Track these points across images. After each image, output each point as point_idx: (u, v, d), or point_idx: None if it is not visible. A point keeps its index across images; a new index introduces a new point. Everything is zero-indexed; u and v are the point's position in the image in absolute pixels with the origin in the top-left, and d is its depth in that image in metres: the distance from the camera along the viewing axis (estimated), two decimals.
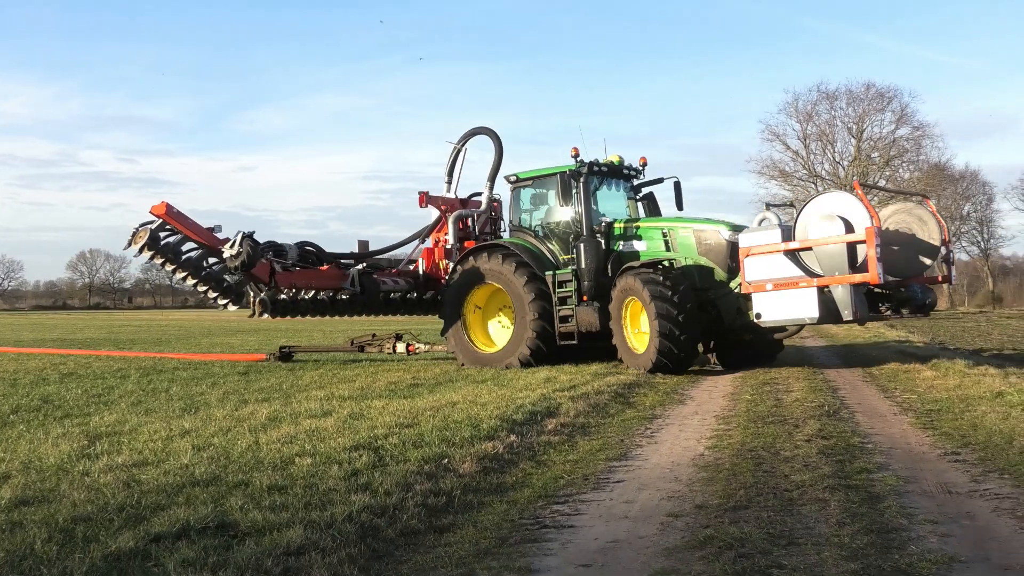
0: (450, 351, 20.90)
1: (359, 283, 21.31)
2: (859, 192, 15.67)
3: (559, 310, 19.19)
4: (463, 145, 23.26)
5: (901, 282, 16.34)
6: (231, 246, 18.32)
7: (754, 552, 5.77)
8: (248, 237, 18.60)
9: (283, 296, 20.63)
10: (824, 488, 7.45)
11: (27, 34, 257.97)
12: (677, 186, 20.91)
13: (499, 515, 6.90)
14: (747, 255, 16.46)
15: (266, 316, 20.07)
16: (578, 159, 19.52)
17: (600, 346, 18.90)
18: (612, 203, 20.62)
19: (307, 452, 8.81)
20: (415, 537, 6.31)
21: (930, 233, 16.48)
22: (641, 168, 21.13)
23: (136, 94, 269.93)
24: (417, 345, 22.16)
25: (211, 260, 19.41)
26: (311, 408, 12.23)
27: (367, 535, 6.20)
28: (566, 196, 19.44)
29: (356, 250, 23.37)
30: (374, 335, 23.25)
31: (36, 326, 57.28)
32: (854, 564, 5.50)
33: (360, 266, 21.81)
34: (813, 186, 71.52)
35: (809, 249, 15.76)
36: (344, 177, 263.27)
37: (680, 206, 20.70)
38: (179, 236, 19.17)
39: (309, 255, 21.76)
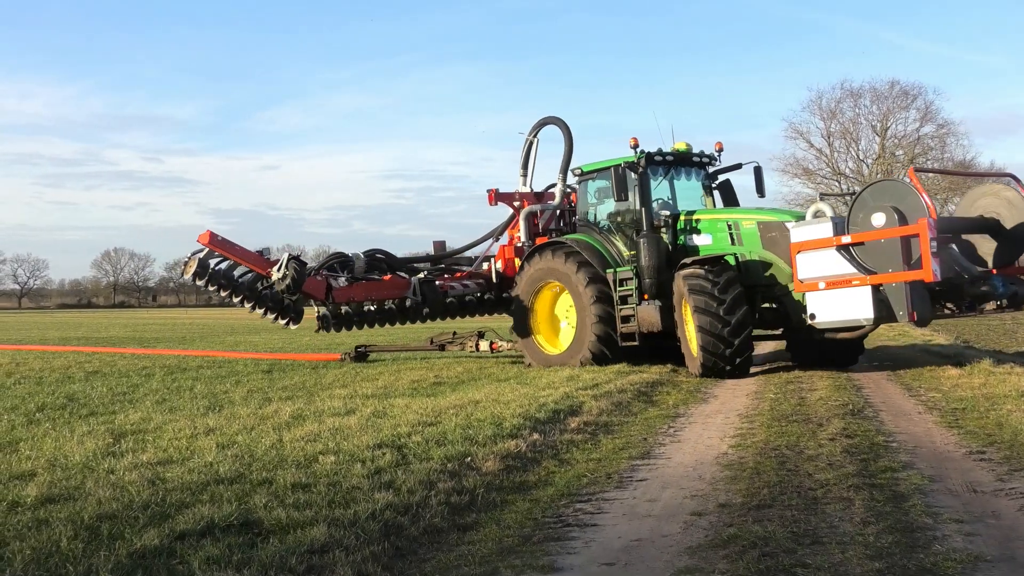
0: (518, 351, 20.41)
1: (420, 292, 20.79)
2: (914, 180, 14.49)
3: (620, 309, 18.22)
4: (535, 136, 22.34)
5: (982, 275, 15.03)
6: (278, 269, 18.52)
7: (778, 551, 5.75)
8: (294, 259, 18.89)
9: (344, 309, 20.52)
10: (848, 487, 7.42)
11: (48, 34, 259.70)
12: (757, 172, 19.59)
13: (522, 513, 6.90)
14: (798, 251, 15.34)
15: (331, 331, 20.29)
16: (638, 149, 18.27)
17: (667, 347, 17.78)
18: (687, 194, 19.52)
19: (330, 450, 8.83)
20: (438, 535, 6.32)
21: (1020, 217, 15.17)
22: (716, 154, 19.63)
23: (157, 93, 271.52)
24: (500, 343, 21.57)
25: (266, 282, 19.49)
26: (334, 406, 12.26)
27: (390, 533, 6.21)
28: (621, 189, 17.99)
29: (432, 251, 23.14)
30: (455, 333, 22.75)
31: (61, 325, 57.66)
32: (879, 563, 5.47)
33: (421, 275, 21.33)
34: (836, 184, 71.25)
35: (862, 244, 14.39)
36: (365, 176, 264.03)
37: (761, 192, 19.49)
38: (229, 262, 19.22)
39: (379, 263, 21.55)
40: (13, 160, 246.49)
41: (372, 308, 21.07)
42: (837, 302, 14.78)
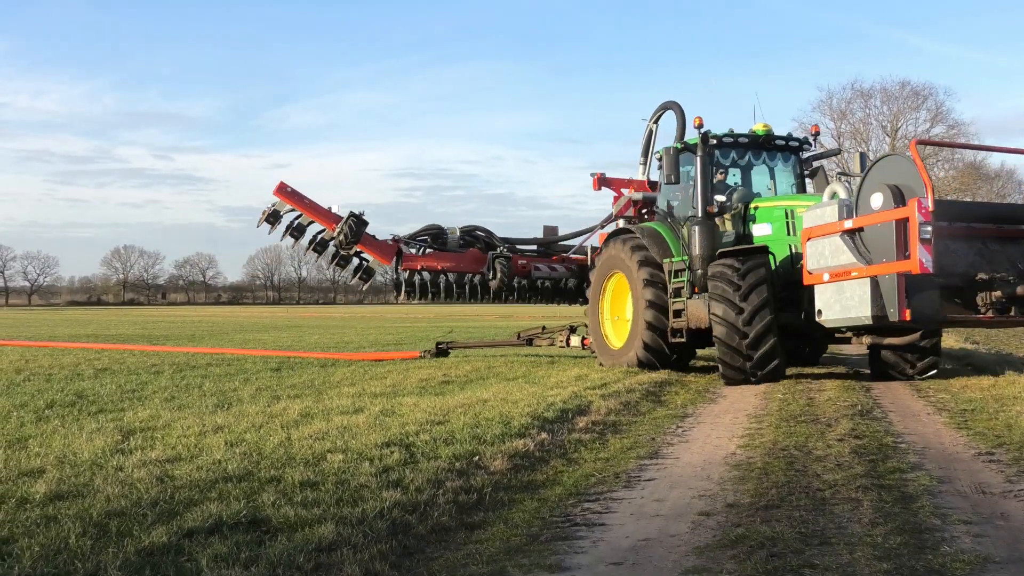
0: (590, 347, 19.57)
1: (492, 267, 20.63)
2: (914, 155, 12.90)
3: (672, 303, 16.90)
4: (655, 122, 20.91)
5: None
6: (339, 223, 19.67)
7: (786, 551, 5.74)
8: (353, 216, 19.90)
9: (419, 278, 20.81)
10: (857, 488, 7.41)
11: (60, 32, 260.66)
12: (863, 159, 17.31)
13: (530, 513, 6.90)
14: (808, 237, 14.11)
15: (415, 301, 20.60)
16: (701, 129, 16.82)
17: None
18: (773, 179, 17.89)
19: (339, 448, 8.83)
20: (446, 534, 6.32)
21: None
22: (811, 138, 18.08)
23: (169, 91, 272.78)
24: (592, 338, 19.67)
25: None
26: (343, 405, 12.27)
27: (398, 531, 6.21)
28: (672, 172, 16.68)
29: (542, 235, 22.75)
30: (544, 328, 22.00)
31: (71, 322, 57.79)
32: (887, 564, 5.46)
33: (499, 249, 21.19)
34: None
35: (862, 229, 13.20)
36: (376, 174, 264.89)
37: None
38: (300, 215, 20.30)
39: (475, 240, 21.51)
40: (26, 157, 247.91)
41: (451, 280, 21.03)
42: (840, 296, 13.59)
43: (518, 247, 22.15)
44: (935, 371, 15.58)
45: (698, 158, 16.81)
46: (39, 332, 40.12)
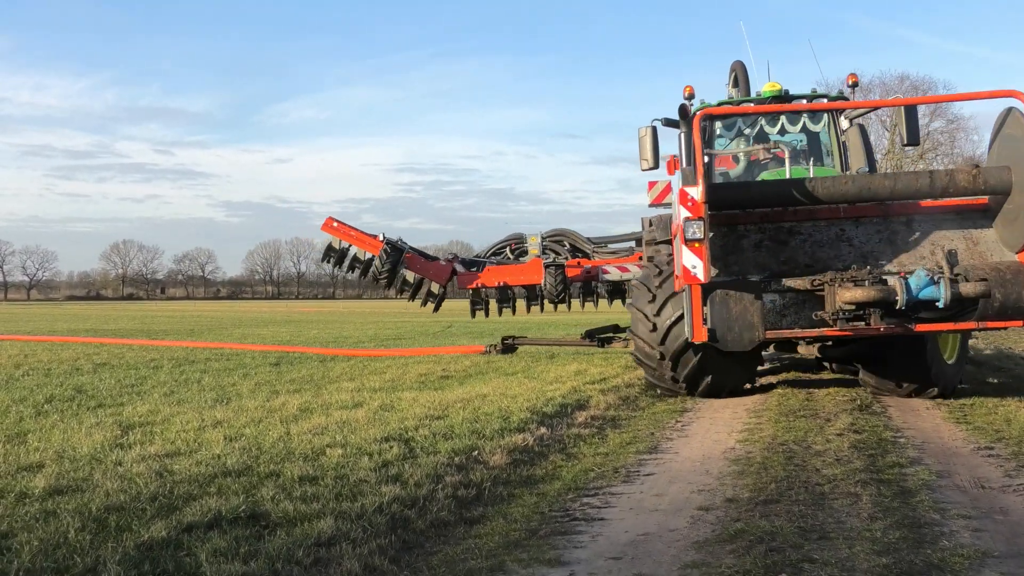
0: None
1: (546, 276, 19.89)
2: (698, 130, 10.13)
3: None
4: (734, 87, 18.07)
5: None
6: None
7: (785, 546, 5.75)
8: (387, 244, 19.79)
9: (484, 294, 20.59)
10: (856, 482, 7.41)
11: (61, 27, 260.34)
12: (910, 114, 13.35)
13: (529, 507, 6.90)
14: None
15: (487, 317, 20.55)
16: (690, 99, 14.15)
17: None
18: (797, 152, 14.63)
19: (338, 443, 8.84)
20: (445, 529, 6.32)
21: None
22: (846, 91, 14.51)
23: (170, 86, 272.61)
24: None
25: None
26: (342, 399, 12.28)
27: (397, 526, 6.21)
28: (644, 157, 14.14)
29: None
30: (616, 327, 20.70)
31: (70, 316, 57.79)
32: (886, 558, 5.46)
33: (554, 258, 20.52)
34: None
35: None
36: (376, 169, 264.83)
37: (914, 139, 13.13)
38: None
39: (560, 246, 21.02)
40: (26, 152, 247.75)
41: (514, 292, 20.65)
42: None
43: (610, 245, 21.61)
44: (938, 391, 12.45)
45: (680, 135, 14.20)
46: (38, 327, 40.11)
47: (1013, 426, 9.88)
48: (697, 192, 9.45)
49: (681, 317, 11.90)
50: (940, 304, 9.49)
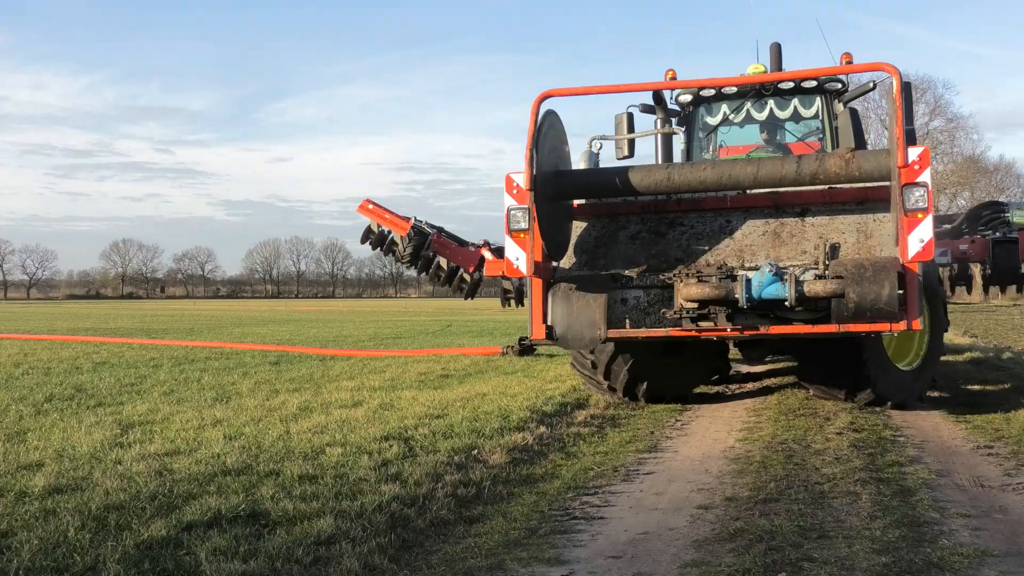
0: None
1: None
2: (534, 111, 8.97)
3: None
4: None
5: None
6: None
7: (784, 545, 5.75)
8: (414, 225, 19.44)
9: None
10: (855, 481, 7.42)
11: (60, 26, 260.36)
12: (907, 89, 11.23)
13: (529, 506, 6.90)
14: None
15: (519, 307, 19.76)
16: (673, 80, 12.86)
17: None
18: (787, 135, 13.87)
19: (337, 442, 8.84)
20: (445, 527, 6.33)
21: None
22: (842, 73, 13.02)
23: (169, 85, 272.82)
24: None
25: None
26: (341, 398, 12.27)
27: (397, 525, 6.22)
28: (618, 146, 13.20)
29: None
30: None
31: (69, 315, 57.76)
32: (885, 557, 5.47)
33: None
34: None
35: None
36: (376, 168, 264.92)
37: (908, 120, 10.93)
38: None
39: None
40: (26, 151, 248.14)
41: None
42: None
43: None
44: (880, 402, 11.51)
45: (656, 122, 13.67)
46: (38, 326, 40.10)
47: (1012, 425, 9.88)
48: (522, 178, 8.89)
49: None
50: (788, 304, 8.56)
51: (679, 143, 13.71)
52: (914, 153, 8.20)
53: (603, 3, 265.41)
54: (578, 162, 10.20)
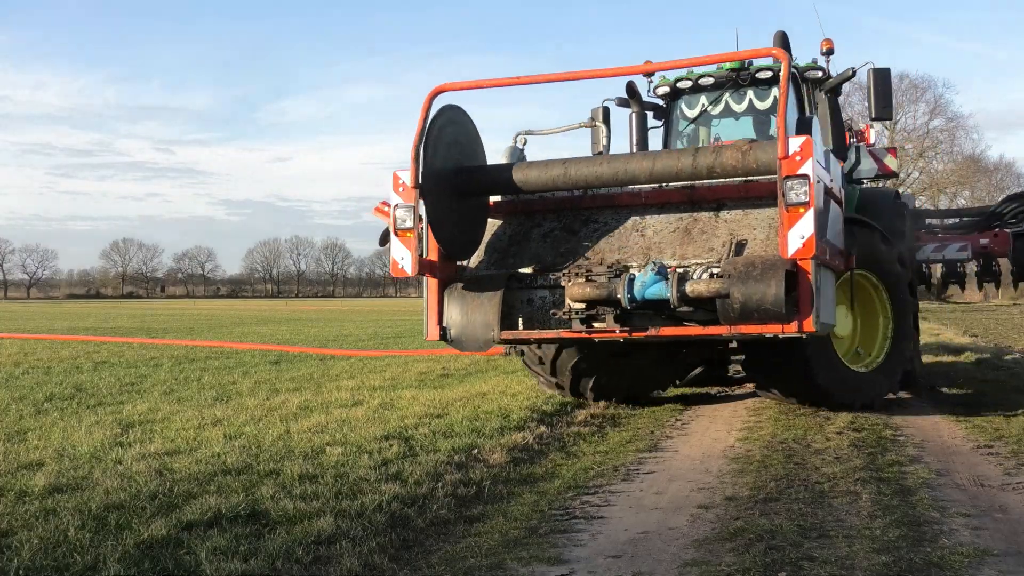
0: None
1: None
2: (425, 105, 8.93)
3: None
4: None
5: None
6: None
7: (784, 544, 5.75)
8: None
9: None
10: (855, 481, 7.42)
11: (60, 24, 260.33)
12: (879, 77, 12.13)
13: (529, 506, 6.90)
14: None
15: None
16: (650, 76, 12.98)
17: None
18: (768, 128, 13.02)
19: (338, 442, 8.84)
20: (445, 527, 6.33)
21: None
22: (822, 60, 12.80)
23: (171, 84, 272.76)
24: None
25: None
26: (342, 398, 12.27)
27: (397, 524, 6.21)
28: (595, 141, 12.91)
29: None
30: None
31: (70, 315, 57.73)
32: (885, 557, 5.46)
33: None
34: None
35: None
36: (377, 168, 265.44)
37: (885, 111, 12.11)
38: None
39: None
40: (27, 150, 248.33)
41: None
42: None
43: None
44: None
45: (631, 116, 13.36)
46: (38, 325, 40.09)
47: (1012, 424, 9.88)
48: (408, 175, 8.71)
49: None
50: (672, 304, 8.24)
51: (658, 137, 13.43)
52: (795, 143, 7.73)
53: (603, 3, 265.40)
54: (501, 159, 9.88)
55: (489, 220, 9.81)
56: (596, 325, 8.70)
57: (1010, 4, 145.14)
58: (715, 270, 8.39)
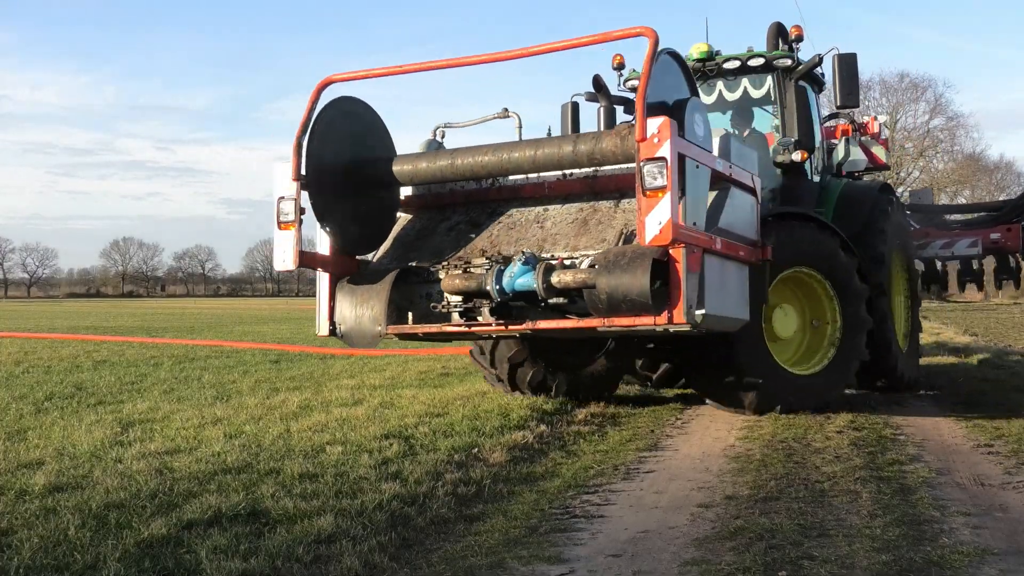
0: None
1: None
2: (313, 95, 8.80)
3: None
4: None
5: None
6: None
7: (785, 543, 5.75)
8: None
9: None
10: (855, 479, 7.42)
11: (61, 23, 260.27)
12: (843, 63, 11.84)
13: (529, 505, 6.90)
14: None
15: None
16: (620, 69, 13.08)
17: None
18: (740, 118, 13.28)
19: (338, 441, 8.84)
20: (445, 526, 6.33)
21: None
22: (794, 47, 12.41)
23: (171, 83, 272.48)
24: None
25: None
26: (342, 397, 12.27)
27: (397, 524, 6.21)
28: (574, 132, 12.70)
29: None
30: None
31: (70, 313, 57.74)
32: (885, 556, 5.46)
33: None
34: None
35: None
36: None
37: (851, 98, 11.95)
38: None
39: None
40: (28, 149, 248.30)
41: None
42: None
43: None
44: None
45: (600, 110, 13.14)
46: (38, 324, 40.10)
47: (1013, 423, 9.87)
48: (290, 168, 8.61)
49: None
50: (539, 296, 7.99)
51: None
52: (653, 125, 7.26)
53: (600, 5, 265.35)
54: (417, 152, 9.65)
55: (404, 215, 9.66)
56: (471, 318, 8.49)
57: (1010, 3, 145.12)
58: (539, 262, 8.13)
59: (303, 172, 8.59)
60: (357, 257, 9.34)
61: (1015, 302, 64.56)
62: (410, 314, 8.86)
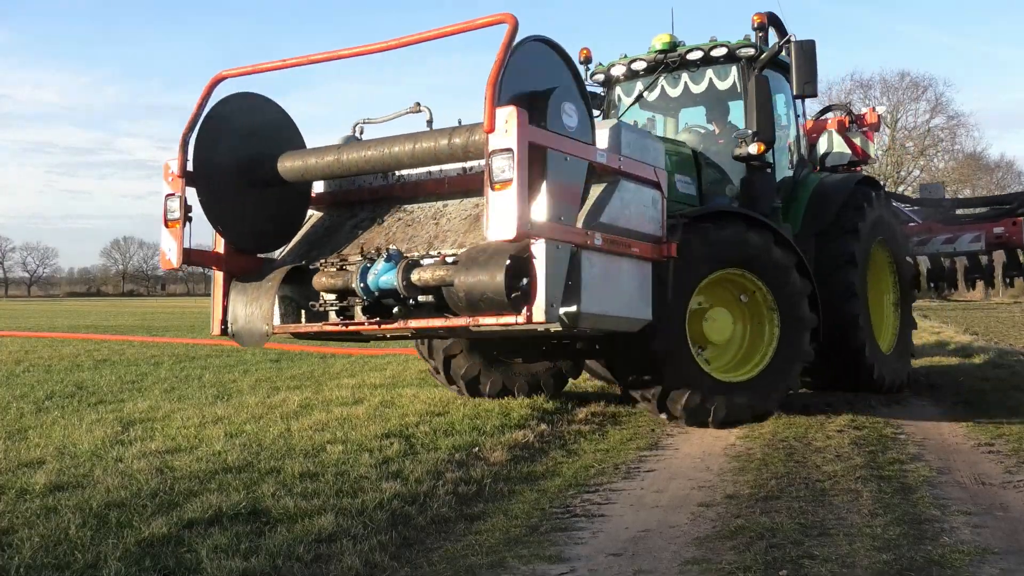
0: None
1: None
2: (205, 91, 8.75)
3: None
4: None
5: None
6: None
7: (785, 542, 5.75)
8: None
9: None
10: (856, 479, 7.42)
11: (61, 23, 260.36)
12: (800, 49, 10.96)
13: (530, 504, 6.90)
14: None
15: None
16: (587, 63, 12.78)
17: None
18: (712, 112, 12.70)
19: (338, 440, 8.83)
20: (446, 525, 6.33)
21: None
22: (753, 36, 11.84)
23: (170, 83, 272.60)
24: None
25: None
26: (342, 396, 12.26)
27: (398, 523, 6.22)
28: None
29: None
30: None
31: (70, 312, 57.75)
32: (886, 555, 5.47)
33: None
34: None
35: None
36: None
37: (808, 87, 11.04)
38: None
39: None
40: (28, 149, 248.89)
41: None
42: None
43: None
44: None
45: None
46: (38, 323, 40.10)
47: (1013, 423, 9.86)
48: (175, 164, 8.38)
49: None
50: (400, 294, 7.73)
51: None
52: (502, 115, 6.84)
53: (603, 3, 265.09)
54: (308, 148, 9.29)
55: (315, 212, 9.53)
56: (347, 317, 8.26)
57: (1011, 3, 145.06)
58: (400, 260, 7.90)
59: (189, 169, 8.38)
60: (260, 256, 9.15)
61: (1015, 301, 64.57)
62: (303, 312, 8.73)
